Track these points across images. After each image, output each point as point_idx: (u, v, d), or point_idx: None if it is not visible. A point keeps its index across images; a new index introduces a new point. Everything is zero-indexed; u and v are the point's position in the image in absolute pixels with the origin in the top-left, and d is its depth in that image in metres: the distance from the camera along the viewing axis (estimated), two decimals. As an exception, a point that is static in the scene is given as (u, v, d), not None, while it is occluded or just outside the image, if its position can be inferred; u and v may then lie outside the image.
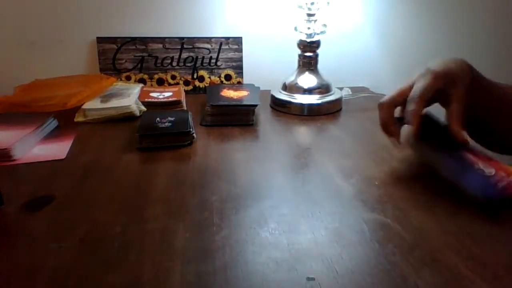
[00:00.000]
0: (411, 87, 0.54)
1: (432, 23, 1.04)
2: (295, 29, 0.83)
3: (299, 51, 0.85)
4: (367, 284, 0.37)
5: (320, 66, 0.86)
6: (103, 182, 0.55)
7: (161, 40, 0.94)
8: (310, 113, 0.82)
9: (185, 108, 0.83)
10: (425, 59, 0.54)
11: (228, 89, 0.85)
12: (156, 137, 0.66)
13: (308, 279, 0.37)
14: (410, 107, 0.52)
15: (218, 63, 0.97)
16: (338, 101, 0.85)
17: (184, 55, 0.96)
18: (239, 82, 0.98)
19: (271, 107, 0.87)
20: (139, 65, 0.95)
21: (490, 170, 0.47)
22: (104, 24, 0.93)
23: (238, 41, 0.96)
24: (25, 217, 0.47)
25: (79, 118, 0.76)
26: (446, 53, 1.04)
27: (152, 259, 0.40)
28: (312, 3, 0.80)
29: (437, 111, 0.56)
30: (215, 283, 0.37)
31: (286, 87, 0.86)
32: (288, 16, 0.93)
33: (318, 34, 0.83)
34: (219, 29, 0.96)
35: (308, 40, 0.83)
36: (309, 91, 0.84)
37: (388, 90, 0.57)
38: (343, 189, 0.53)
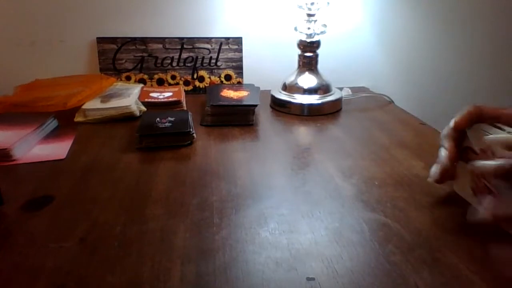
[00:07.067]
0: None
1: (432, 23, 1.04)
2: (295, 29, 0.83)
3: (299, 51, 0.85)
4: (367, 284, 0.37)
5: (320, 66, 0.86)
6: (103, 182, 0.55)
7: (161, 40, 0.94)
8: (310, 113, 0.82)
9: (185, 108, 0.83)
10: (425, 59, 0.54)
11: (228, 89, 0.85)
12: (156, 137, 0.66)
13: (308, 279, 0.37)
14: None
15: (218, 63, 0.97)
16: (338, 101, 0.85)
17: (184, 55, 0.96)
18: (239, 82, 0.98)
19: (271, 107, 0.87)
20: (139, 65, 0.95)
21: None
22: (104, 24, 0.93)
23: (238, 41, 0.96)
24: (25, 217, 0.47)
25: (79, 118, 0.76)
26: (445, 53, 1.05)
27: (152, 259, 0.40)
28: (312, 3, 0.80)
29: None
30: (215, 283, 0.37)
31: (286, 87, 0.86)
32: (288, 16, 0.93)
33: (318, 34, 0.83)
34: (219, 29, 0.96)
35: (308, 40, 0.83)
36: (309, 91, 0.84)
37: (388, 90, 0.57)
38: (343, 189, 0.53)
